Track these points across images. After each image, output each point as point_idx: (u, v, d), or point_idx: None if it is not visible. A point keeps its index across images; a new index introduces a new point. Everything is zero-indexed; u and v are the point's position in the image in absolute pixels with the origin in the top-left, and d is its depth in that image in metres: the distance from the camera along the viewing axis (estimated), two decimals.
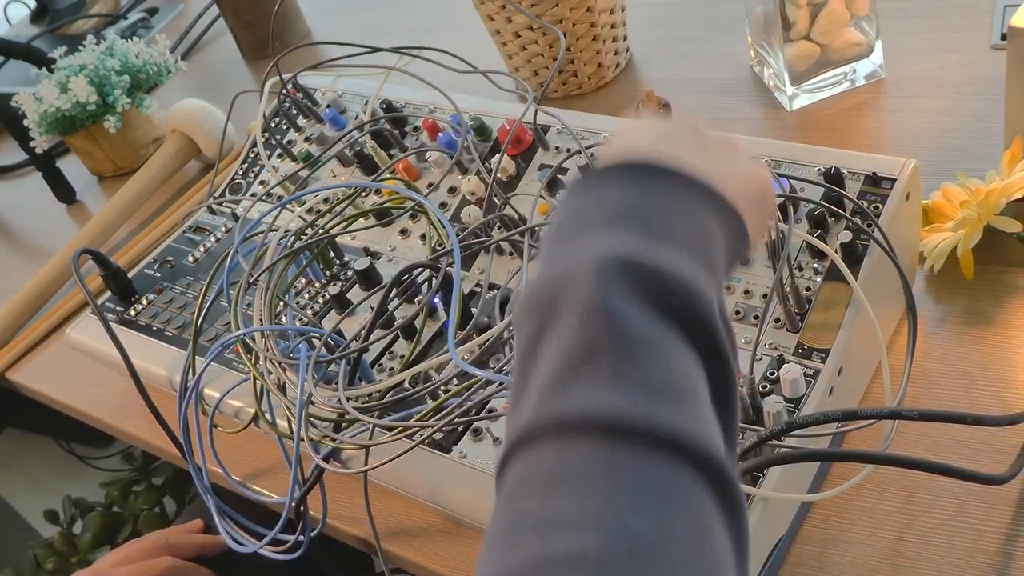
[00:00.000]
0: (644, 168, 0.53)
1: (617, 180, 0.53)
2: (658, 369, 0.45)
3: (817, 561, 0.72)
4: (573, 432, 0.43)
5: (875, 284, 0.77)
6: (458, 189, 0.99)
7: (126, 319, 1.05)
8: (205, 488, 0.88)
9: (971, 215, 0.83)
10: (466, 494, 0.78)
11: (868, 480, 0.73)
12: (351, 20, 1.68)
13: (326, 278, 0.98)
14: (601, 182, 0.54)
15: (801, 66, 1.06)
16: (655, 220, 0.51)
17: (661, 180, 0.53)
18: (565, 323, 0.46)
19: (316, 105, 1.16)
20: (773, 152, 0.85)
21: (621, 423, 0.42)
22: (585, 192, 0.54)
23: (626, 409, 0.43)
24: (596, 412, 0.43)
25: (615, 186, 0.53)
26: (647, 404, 0.43)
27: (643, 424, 0.42)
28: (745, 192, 0.58)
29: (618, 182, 0.53)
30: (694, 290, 0.48)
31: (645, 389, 0.44)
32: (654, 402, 0.43)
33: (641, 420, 0.42)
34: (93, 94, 1.37)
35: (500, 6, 1.16)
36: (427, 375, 0.83)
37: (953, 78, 1.06)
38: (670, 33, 1.32)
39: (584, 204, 0.53)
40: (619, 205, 0.52)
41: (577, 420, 0.43)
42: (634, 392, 0.44)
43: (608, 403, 0.43)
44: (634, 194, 0.52)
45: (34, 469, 2.16)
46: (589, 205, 0.53)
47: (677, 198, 0.53)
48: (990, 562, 0.68)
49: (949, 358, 0.81)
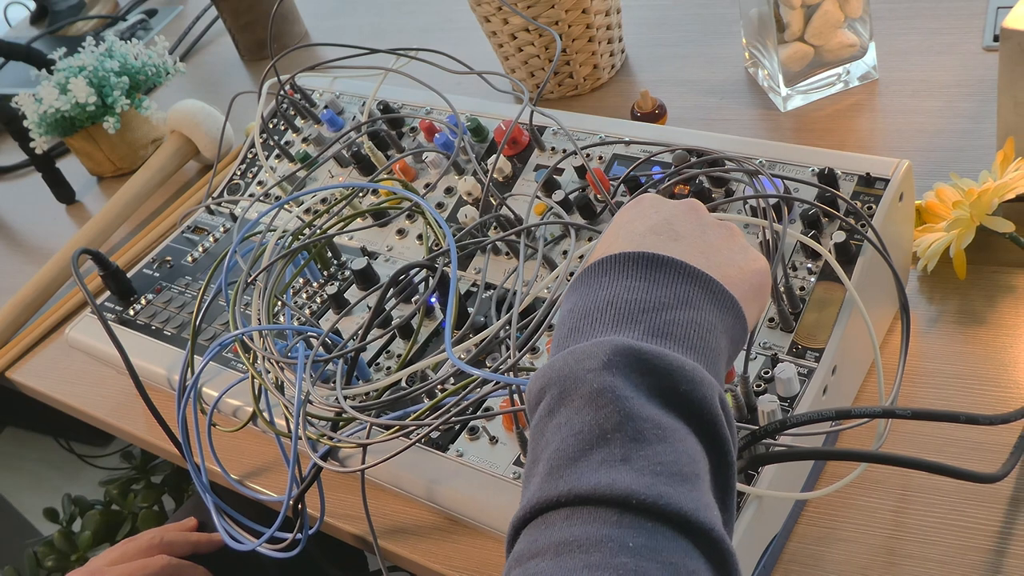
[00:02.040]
0: (649, 262, 0.57)
1: (624, 274, 0.57)
2: (665, 453, 0.48)
3: (811, 559, 0.72)
4: (584, 504, 0.46)
5: (869, 284, 0.78)
6: (455, 189, 0.99)
7: (125, 319, 1.05)
8: (203, 486, 0.88)
9: (964, 215, 0.83)
10: (462, 492, 0.78)
11: (862, 478, 0.73)
12: (348, 22, 1.68)
13: (324, 278, 0.99)
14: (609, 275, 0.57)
15: (795, 67, 1.07)
16: (660, 317, 0.55)
17: (665, 275, 0.57)
18: (575, 406, 0.50)
19: (314, 106, 1.16)
20: (767, 153, 0.85)
21: (631, 498, 0.46)
22: (595, 284, 0.57)
23: (636, 486, 0.46)
24: (608, 487, 0.46)
25: (623, 280, 0.57)
26: (655, 483, 0.46)
27: (651, 500, 0.46)
28: (743, 281, 0.60)
29: (625, 276, 0.57)
30: (697, 383, 0.51)
31: (653, 470, 0.47)
32: (662, 482, 0.47)
33: (650, 497, 0.46)
34: (92, 95, 1.37)
35: (496, 8, 1.16)
36: (424, 374, 0.83)
37: (946, 79, 1.07)
38: (665, 35, 1.32)
39: (595, 298, 0.57)
40: (627, 300, 0.55)
41: (588, 493, 0.46)
42: (643, 472, 0.47)
43: (620, 480, 0.46)
44: (640, 289, 0.56)
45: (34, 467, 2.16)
46: (600, 299, 0.56)
47: (681, 293, 0.56)
48: (982, 560, 0.69)
49: (942, 357, 0.82)
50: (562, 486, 0.47)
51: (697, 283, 0.57)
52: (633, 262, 0.57)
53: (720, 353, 0.57)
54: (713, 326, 0.56)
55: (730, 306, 0.58)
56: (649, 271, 0.57)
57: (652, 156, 0.89)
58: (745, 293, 0.60)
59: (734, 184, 0.85)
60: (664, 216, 0.62)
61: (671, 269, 0.57)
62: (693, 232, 0.61)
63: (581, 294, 0.58)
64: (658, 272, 0.57)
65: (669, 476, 0.47)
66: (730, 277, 0.59)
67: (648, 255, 0.57)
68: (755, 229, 0.81)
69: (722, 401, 0.52)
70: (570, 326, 0.56)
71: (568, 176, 0.93)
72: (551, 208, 0.89)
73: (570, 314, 0.57)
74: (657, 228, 0.61)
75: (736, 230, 0.64)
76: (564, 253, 0.88)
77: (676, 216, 0.62)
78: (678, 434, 0.49)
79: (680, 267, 0.57)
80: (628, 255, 0.57)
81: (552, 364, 0.53)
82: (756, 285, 0.61)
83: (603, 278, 0.57)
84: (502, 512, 0.75)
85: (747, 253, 0.63)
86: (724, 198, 0.83)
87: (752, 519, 0.68)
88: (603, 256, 0.59)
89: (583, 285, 0.58)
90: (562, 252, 0.88)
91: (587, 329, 0.55)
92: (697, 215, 0.63)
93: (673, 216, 0.62)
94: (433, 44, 1.07)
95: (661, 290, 0.56)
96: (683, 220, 0.62)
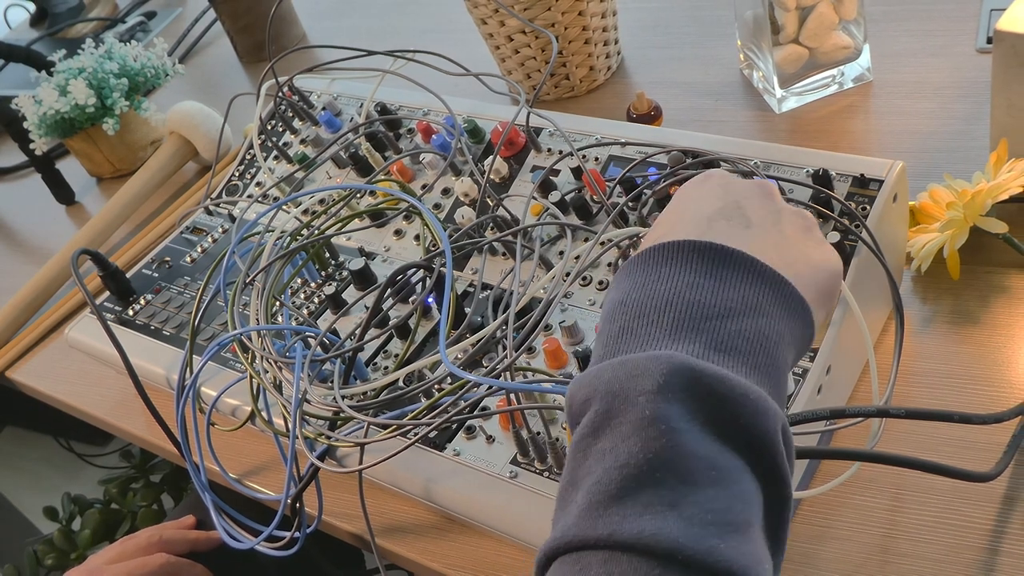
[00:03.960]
0: (717, 256, 0.51)
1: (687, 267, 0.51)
2: (717, 499, 0.44)
3: (805, 557, 0.73)
4: (625, 552, 0.42)
5: (863, 284, 0.78)
6: (452, 190, 0.99)
7: (124, 319, 1.06)
8: (202, 485, 0.89)
9: (957, 216, 0.84)
10: (459, 491, 0.78)
11: (856, 477, 0.74)
12: (346, 24, 1.69)
13: (321, 278, 0.99)
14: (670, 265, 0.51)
15: (790, 69, 1.07)
16: (726, 327, 0.49)
17: (734, 273, 0.51)
18: (623, 432, 0.45)
19: (311, 108, 1.17)
20: (762, 154, 0.86)
21: (677, 552, 0.41)
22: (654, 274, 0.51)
23: (683, 538, 0.42)
24: (652, 537, 0.42)
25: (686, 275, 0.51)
26: (704, 535, 0.42)
27: (700, 556, 0.41)
28: (816, 281, 0.56)
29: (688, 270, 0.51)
30: (760, 412, 0.46)
31: (703, 519, 0.43)
32: (711, 533, 0.42)
33: (699, 553, 0.42)
34: (92, 97, 1.38)
35: (493, 10, 1.16)
36: (421, 374, 0.83)
37: (940, 81, 1.07)
38: (661, 37, 1.32)
39: (653, 292, 0.51)
40: (689, 302, 0.50)
41: (631, 542, 0.42)
42: (692, 521, 0.42)
43: (665, 530, 0.42)
44: (705, 289, 0.50)
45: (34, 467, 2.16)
46: (659, 294, 0.50)
47: (751, 298, 0.50)
48: (976, 558, 0.69)
49: (936, 357, 0.82)
50: (602, 528, 0.43)
51: (769, 285, 0.51)
52: (699, 254, 0.51)
53: (786, 369, 0.52)
54: (781, 336, 0.51)
55: (801, 312, 0.53)
56: (716, 267, 0.51)
57: (648, 157, 0.89)
58: (816, 296, 0.55)
59: None
60: (734, 198, 0.57)
61: (741, 266, 0.51)
62: (766, 220, 0.56)
63: (636, 283, 0.52)
64: (726, 269, 0.51)
65: (720, 526, 0.43)
66: (802, 277, 0.54)
67: (716, 247, 0.51)
68: None
69: (784, 432, 0.47)
70: (622, 324, 0.51)
71: (564, 177, 0.93)
72: (547, 209, 0.89)
73: (622, 308, 0.51)
74: (726, 212, 0.55)
75: (812, 220, 0.59)
76: (560, 254, 0.88)
77: (748, 199, 0.57)
78: (734, 474, 0.45)
79: (751, 265, 0.51)
80: (693, 244, 0.51)
81: (600, 374, 0.47)
82: (828, 287, 0.57)
83: (663, 268, 0.51)
84: (498, 511, 0.76)
85: (823, 249, 0.58)
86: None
87: None
88: (664, 240, 0.52)
89: (639, 272, 0.52)
90: (558, 253, 0.89)
91: (642, 333, 0.49)
92: (771, 199, 0.58)
93: (744, 198, 0.57)
94: (430, 46, 1.08)
95: (729, 291, 0.50)
96: (755, 204, 0.57)
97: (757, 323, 0.50)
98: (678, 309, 0.49)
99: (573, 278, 0.75)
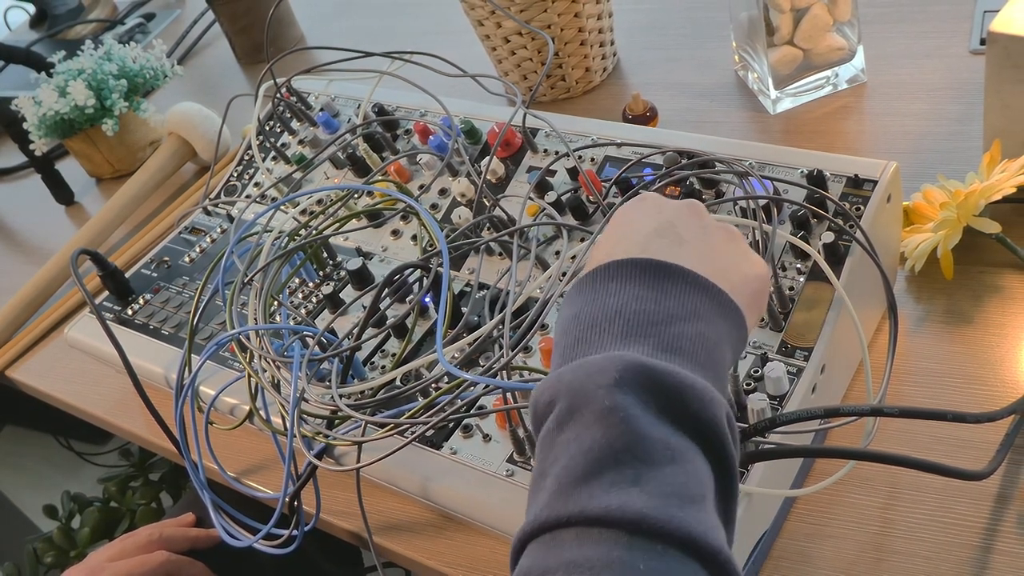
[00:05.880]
0: (657, 270, 0.56)
1: (631, 281, 0.56)
2: (674, 475, 0.48)
3: (800, 555, 0.73)
4: (595, 525, 0.46)
5: (857, 284, 0.78)
6: (449, 191, 1.00)
7: (123, 318, 1.06)
8: (201, 484, 0.89)
9: (951, 216, 0.84)
10: (456, 490, 0.78)
11: (850, 476, 0.74)
12: (344, 25, 1.69)
13: (319, 278, 0.99)
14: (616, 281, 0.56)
15: (784, 70, 1.08)
16: (669, 330, 0.54)
17: (673, 284, 0.56)
18: (585, 423, 0.49)
19: (309, 108, 1.17)
20: (757, 155, 0.86)
21: (642, 522, 0.45)
22: (602, 290, 0.56)
23: (646, 509, 0.46)
24: (619, 509, 0.46)
25: (631, 288, 0.56)
26: (665, 506, 0.46)
27: (662, 524, 0.46)
28: (745, 288, 0.60)
29: (632, 284, 0.56)
30: (707, 400, 0.51)
31: (663, 492, 0.47)
32: (672, 504, 0.47)
33: (660, 520, 0.46)
34: (91, 98, 1.38)
35: (489, 12, 1.17)
36: (418, 373, 0.83)
37: (933, 82, 1.07)
38: (656, 38, 1.33)
39: (602, 305, 0.56)
40: (636, 311, 0.55)
41: (600, 515, 0.46)
42: (653, 495, 0.47)
43: (630, 503, 0.46)
44: (649, 299, 0.55)
45: (33, 465, 2.16)
46: (608, 307, 0.55)
47: (689, 305, 0.56)
48: (969, 556, 0.69)
49: (930, 356, 0.82)
50: (572, 506, 0.47)
51: (704, 293, 0.56)
52: (641, 269, 0.56)
53: (725, 366, 0.57)
54: (720, 338, 0.56)
55: (734, 315, 0.57)
56: (657, 280, 0.56)
57: (643, 158, 0.90)
58: (747, 300, 0.60)
59: (724, 186, 0.85)
60: (667, 217, 0.61)
61: (679, 278, 0.56)
62: (696, 235, 0.60)
63: (586, 299, 0.57)
64: (666, 281, 0.56)
65: (679, 498, 0.47)
66: (733, 284, 0.59)
67: (656, 263, 0.56)
68: (745, 230, 0.82)
69: (728, 418, 0.52)
70: (576, 335, 0.55)
71: (560, 178, 0.94)
72: (544, 209, 0.89)
73: (575, 321, 0.56)
74: (661, 231, 0.60)
75: (736, 233, 0.64)
76: (556, 254, 0.89)
77: (679, 218, 0.61)
78: (687, 455, 0.49)
79: (687, 276, 0.56)
80: (635, 261, 0.56)
81: (561, 376, 0.52)
82: (757, 291, 0.61)
83: (609, 284, 0.56)
84: (495, 509, 0.76)
85: (749, 258, 0.62)
86: (715, 199, 0.84)
87: (742, 516, 0.68)
88: (608, 260, 0.57)
89: (588, 290, 0.57)
90: (555, 253, 0.89)
91: (595, 340, 0.54)
92: (699, 217, 0.62)
93: (676, 218, 0.61)
94: (427, 47, 1.08)
95: (669, 301, 0.55)
96: (686, 222, 0.61)
97: (697, 327, 0.55)
98: (626, 318, 0.54)
99: (569, 278, 0.76)
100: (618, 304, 0.55)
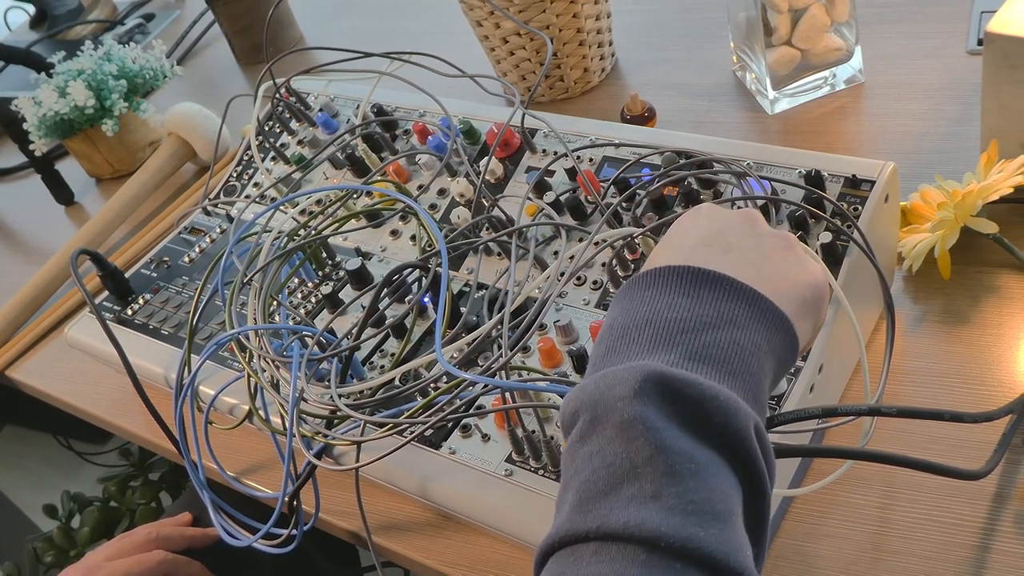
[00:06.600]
0: (694, 277, 0.55)
1: (666, 289, 0.55)
2: (697, 489, 0.46)
3: (798, 555, 0.73)
4: (613, 541, 0.45)
5: (855, 284, 0.78)
6: (447, 191, 1.00)
7: (123, 318, 1.06)
8: (200, 483, 0.89)
9: (948, 216, 0.84)
10: (455, 489, 0.78)
11: (848, 475, 0.74)
12: (343, 26, 1.69)
13: (318, 278, 0.99)
14: (652, 289, 0.55)
15: (782, 71, 1.08)
16: (699, 338, 0.52)
17: (710, 291, 0.54)
18: (607, 436, 0.48)
19: (309, 109, 1.17)
20: (755, 155, 0.86)
21: (660, 539, 0.44)
22: (637, 298, 0.55)
23: (665, 527, 0.45)
24: (637, 526, 0.45)
25: (665, 296, 0.55)
26: (685, 524, 0.45)
27: (681, 543, 0.44)
28: (795, 295, 0.58)
29: (667, 292, 0.55)
30: (731, 412, 0.49)
31: (684, 508, 0.46)
32: (692, 522, 0.45)
33: (679, 539, 0.44)
34: (91, 98, 1.38)
35: (488, 12, 1.17)
36: (417, 373, 0.84)
37: (931, 82, 1.07)
38: (655, 39, 1.33)
39: (635, 314, 0.55)
40: (667, 319, 0.53)
41: (618, 531, 0.45)
42: (674, 511, 0.45)
43: (649, 520, 0.45)
44: (682, 307, 0.54)
45: (33, 465, 2.17)
46: (640, 315, 0.54)
47: (725, 312, 0.54)
48: (966, 555, 0.69)
49: (927, 356, 0.82)
50: (591, 521, 0.46)
51: (743, 300, 0.54)
52: (677, 276, 0.55)
53: (764, 376, 0.54)
54: (758, 347, 0.54)
55: (779, 324, 0.55)
56: (693, 287, 0.54)
57: (642, 158, 0.90)
58: (798, 308, 0.58)
59: (722, 186, 0.85)
60: (718, 227, 0.60)
61: (716, 285, 0.54)
62: (746, 243, 0.59)
63: (623, 308, 0.56)
64: (702, 288, 0.54)
65: (700, 515, 0.46)
66: (781, 291, 0.57)
67: (693, 269, 0.55)
68: None
69: (758, 431, 0.50)
70: (607, 344, 0.54)
71: (559, 178, 0.94)
72: (542, 209, 0.90)
73: (609, 331, 0.55)
74: (709, 239, 0.59)
75: (794, 240, 0.62)
76: (555, 254, 0.89)
77: (730, 226, 0.60)
78: (711, 467, 0.48)
79: (726, 282, 0.54)
80: (672, 269, 0.55)
81: (584, 387, 0.51)
82: (810, 299, 0.60)
83: (645, 292, 0.55)
84: (493, 508, 0.76)
85: (803, 265, 0.60)
86: (712, 200, 0.84)
87: None
88: (649, 268, 0.56)
89: (626, 299, 0.56)
90: (553, 253, 0.89)
91: (623, 349, 0.53)
92: (753, 225, 0.61)
93: (727, 226, 0.60)
94: (426, 48, 1.08)
95: (703, 308, 0.53)
96: (738, 231, 0.60)
97: (732, 334, 0.53)
98: (657, 326, 0.53)
99: (568, 278, 0.76)
100: (651, 312, 0.54)
